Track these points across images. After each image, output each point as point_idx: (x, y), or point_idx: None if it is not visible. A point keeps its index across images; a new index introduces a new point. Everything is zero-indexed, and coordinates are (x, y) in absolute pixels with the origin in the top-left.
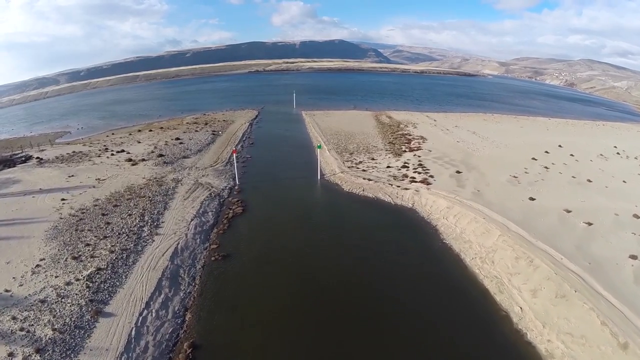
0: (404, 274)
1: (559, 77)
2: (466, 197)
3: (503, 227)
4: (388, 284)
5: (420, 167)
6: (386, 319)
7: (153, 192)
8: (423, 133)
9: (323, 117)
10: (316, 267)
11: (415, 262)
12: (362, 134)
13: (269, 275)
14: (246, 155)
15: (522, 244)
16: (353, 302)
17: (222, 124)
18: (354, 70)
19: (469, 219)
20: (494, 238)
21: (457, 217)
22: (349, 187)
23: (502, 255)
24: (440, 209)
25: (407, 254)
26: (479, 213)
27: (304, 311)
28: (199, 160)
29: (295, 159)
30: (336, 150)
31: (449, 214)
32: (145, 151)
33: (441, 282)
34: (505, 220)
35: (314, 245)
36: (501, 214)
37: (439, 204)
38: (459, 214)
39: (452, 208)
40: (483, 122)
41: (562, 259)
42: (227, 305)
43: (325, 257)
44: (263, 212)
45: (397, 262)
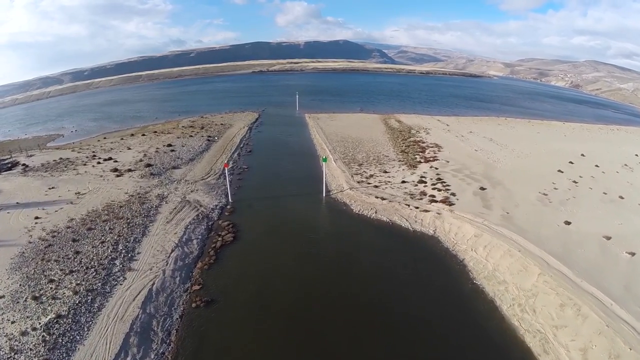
0: (429, 332)
1: (564, 79)
2: (495, 222)
3: (542, 263)
4: (409, 346)
5: (439, 183)
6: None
7: (133, 213)
8: (437, 140)
9: (328, 121)
10: (320, 318)
11: (442, 313)
12: (371, 140)
13: (261, 330)
14: (242, 165)
15: (565, 285)
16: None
17: (219, 128)
18: (358, 71)
19: (501, 251)
20: (533, 278)
21: (487, 249)
22: (359, 207)
23: (545, 301)
24: (467, 237)
25: (431, 302)
26: (513, 244)
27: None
28: (190, 172)
29: (297, 170)
30: (343, 160)
31: (478, 245)
32: (133, 159)
33: (475, 340)
34: (543, 254)
35: (316, 287)
36: (537, 244)
37: (466, 231)
38: (490, 244)
39: (481, 236)
40: (498, 127)
41: (612, 305)
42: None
43: (332, 305)
44: (257, 240)
45: (420, 314)
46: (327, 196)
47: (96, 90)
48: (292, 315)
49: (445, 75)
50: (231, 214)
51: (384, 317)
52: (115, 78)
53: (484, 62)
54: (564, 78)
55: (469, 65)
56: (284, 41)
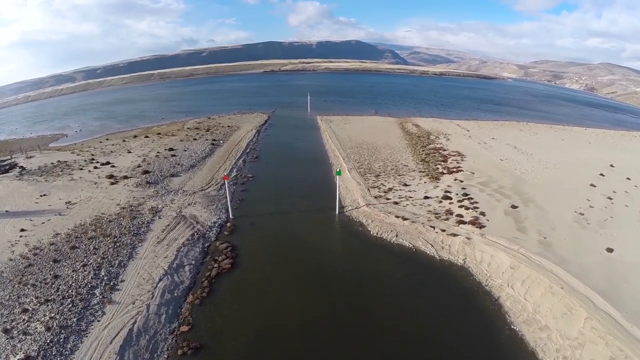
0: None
1: (578, 81)
2: (533, 249)
3: (587, 303)
4: None
5: (466, 199)
6: None
7: (121, 229)
8: (459, 147)
9: (341, 124)
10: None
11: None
12: (388, 147)
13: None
14: (248, 174)
15: (615, 332)
16: None
17: (225, 131)
18: (371, 72)
19: (542, 288)
20: (579, 323)
21: (526, 285)
22: (377, 228)
23: (593, 353)
24: (502, 269)
25: (463, 352)
26: (554, 278)
27: None
28: (189, 180)
29: (307, 180)
30: (358, 170)
31: (515, 279)
32: (131, 164)
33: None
34: (587, 291)
35: (327, 330)
36: (581, 278)
37: (500, 261)
38: (529, 279)
39: (518, 268)
40: (520, 134)
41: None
42: None
43: (345, 355)
44: (258, 269)
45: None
46: (341, 213)
47: (107, 89)
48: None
49: (459, 77)
50: (231, 234)
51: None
52: (127, 76)
53: (497, 64)
54: (579, 81)
55: (482, 66)
56: (296, 41)
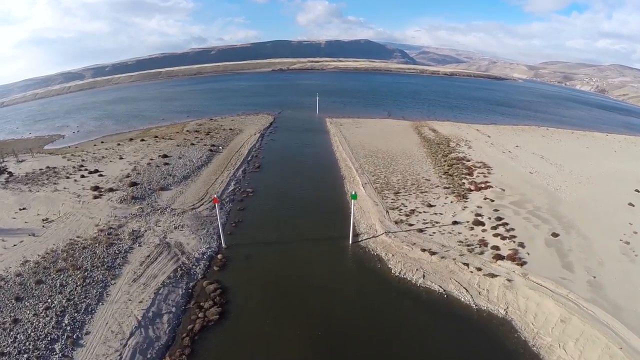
0: None
1: (589, 83)
2: (583, 293)
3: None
4: None
5: (500, 225)
6: None
7: (94, 261)
8: (483, 157)
9: (352, 128)
10: None
11: None
12: (406, 155)
13: None
14: (247, 188)
15: None
16: None
17: (226, 135)
18: (380, 71)
19: (599, 350)
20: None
21: (580, 345)
22: (399, 265)
23: None
24: (550, 322)
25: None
26: (611, 335)
27: None
28: (180, 196)
29: (315, 198)
30: (374, 185)
31: (567, 336)
32: (120, 174)
33: None
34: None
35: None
36: None
37: (548, 311)
38: (583, 336)
39: (570, 322)
40: (543, 140)
41: None
42: None
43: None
44: (253, 321)
45: None
46: (355, 243)
47: (115, 87)
48: None
49: (470, 78)
50: (222, 269)
51: None
52: (135, 74)
53: (507, 65)
54: (589, 82)
55: (492, 67)
56: (305, 40)
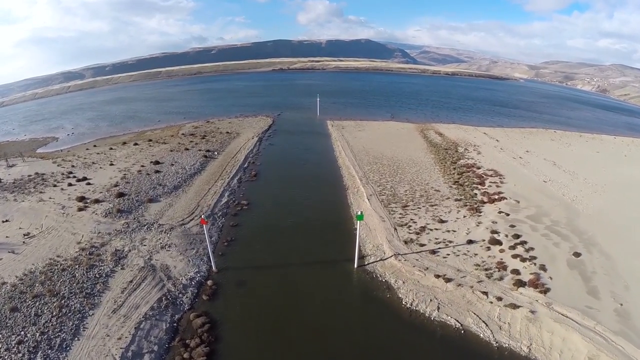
0: None
1: (590, 83)
2: (610, 325)
3: None
4: None
5: (519, 244)
6: None
7: (73, 286)
8: (493, 163)
9: (355, 131)
10: None
11: None
12: (412, 162)
13: None
14: (242, 199)
15: None
16: None
17: (222, 139)
18: (382, 71)
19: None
20: None
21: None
22: (411, 295)
23: None
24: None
25: None
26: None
27: None
28: (169, 209)
29: (316, 212)
30: (380, 197)
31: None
32: (109, 183)
33: None
34: None
35: None
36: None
37: (574, 348)
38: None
39: None
40: (552, 145)
41: None
42: None
43: None
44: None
45: None
46: (361, 267)
47: (114, 86)
48: None
49: (472, 77)
50: (211, 299)
51: None
52: (135, 74)
53: (508, 64)
54: (590, 82)
55: (492, 66)
56: (306, 39)
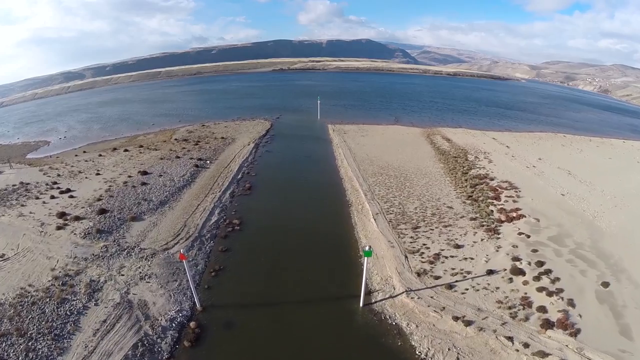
0: None
1: (592, 83)
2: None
3: None
4: None
5: (543, 273)
6: None
7: (41, 324)
8: (507, 174)
9: (357, 137)
10: None
11: None
12: (421, 173)
13: None
14: (233, 218)
15: None
16: None
17: (216, 145)
18: (383, 71)
19: None
20: None
21: None
22: (425, 342)
23: None
24: None
25: None
26: None
27: None
28: (153, 229)
29: (316, 236)
30: (387, 216)
31: None
32: (92, 196)
33: None
34: None
35: None
36: None
37: None
38: None
39: None
40: (564, 151)
41: None
42: None
43: None
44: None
45: None
46: (367, 306)
47: (113, 87)
48: None
49: (473, 78)
50: (194, 346)
51: None
52: (135, 74)
53: (509, 64)
54: (592, 82)
55: (493, 67)
56: (306, 39)
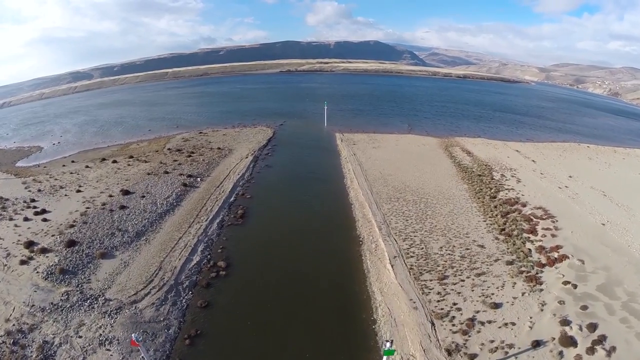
0: None
1: (602, 86)
2: None
3: None
4: None
5: (596, 341)
6: None
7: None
8: (539, 197)
9: (368, 149)
10: None
11: None
12: (444, 197)
13: None
14: (220, 257)
15: None
16: None
17: (211, 157)
18: (391, 73)
19: None
20: None
21: None
22: None
23: None
24: None
25: None
26: None
27: None
28: (123, 270)
29: (320, 282)
30: (408, 259)
31: None
32: (66, 220)
33: None
34: None
35: None
36: None
37: None
38: None
39: None
40: (591, 165)
41: None
42: None
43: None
44: None
45: None
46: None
47: (118, 87)
48: None
49: (483, 80)
50: None
51: None
52: (141, 75)
53: (518, 67)
54: (602, 85)
55: (502, 69)
56: (314, 41)
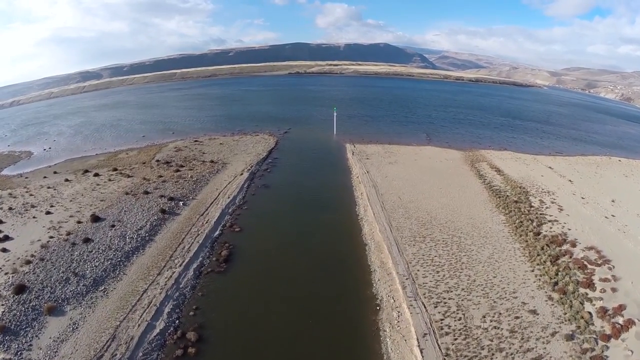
0: None
1: (614, 91)
2: None
3: None
4: None
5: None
6: None
7: None
8: (587, 231)
9: (384, 164)
10: None
11: None
12: (479, 233)
13: None
14: (191, 325)
15: None
16: None
17: (201, 173)
18: (402, 76)
19: None
20: None
21: None
22: None
23: None
24: None
25: None
26: None
27: None
28: (70, 336)
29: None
30: (442, 338)
31: None
32: (26, 252)
33: None
34: None
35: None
36: None
37: None
38: None
39: None
40: (629, 184)
41: None
42: None
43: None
44: None
45: None
46: None
47: (127, 87)
48: None
49: (495, 84)
50: None
51: None
52: (150, 75)
53: (529, 70)
54: (614, 90)
55: (513, 72)
56: (324, 43)
